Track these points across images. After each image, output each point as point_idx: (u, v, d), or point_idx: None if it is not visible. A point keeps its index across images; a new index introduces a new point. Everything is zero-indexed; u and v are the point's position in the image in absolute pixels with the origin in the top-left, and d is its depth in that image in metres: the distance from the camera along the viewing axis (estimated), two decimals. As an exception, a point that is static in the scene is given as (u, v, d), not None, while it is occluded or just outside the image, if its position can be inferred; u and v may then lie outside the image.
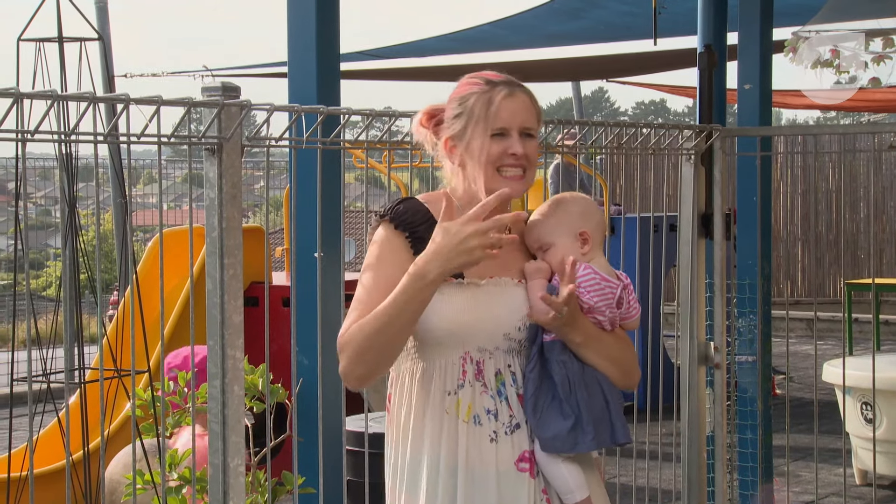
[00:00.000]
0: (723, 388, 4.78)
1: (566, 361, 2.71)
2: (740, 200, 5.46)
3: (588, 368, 2.74)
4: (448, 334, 2.67)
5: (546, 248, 2.81)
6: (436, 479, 2.69)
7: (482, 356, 2.70)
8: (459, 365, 2.70)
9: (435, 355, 2.70)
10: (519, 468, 2.70)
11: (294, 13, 3.88)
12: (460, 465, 2.67)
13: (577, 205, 2.88)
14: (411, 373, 2.73)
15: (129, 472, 3.45)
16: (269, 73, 11.40)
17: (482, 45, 10.51)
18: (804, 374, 10.91)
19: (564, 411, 2.68)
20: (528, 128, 2.73)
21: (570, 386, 2.70)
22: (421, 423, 2.71)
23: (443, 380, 2.69)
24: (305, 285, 3.63)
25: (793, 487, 7.00)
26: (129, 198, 2.98)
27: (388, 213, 2.76)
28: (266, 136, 3.08)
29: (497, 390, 2.70)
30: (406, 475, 2.73)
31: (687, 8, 6.80)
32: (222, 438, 2.86)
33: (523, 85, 2.79)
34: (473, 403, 2.69)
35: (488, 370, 2.70)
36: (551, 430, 2.68)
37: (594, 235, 2.83)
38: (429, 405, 2.70)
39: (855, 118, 26.86)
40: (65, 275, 4.74)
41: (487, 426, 2.68)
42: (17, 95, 2.42)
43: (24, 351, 2.83)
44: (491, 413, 2.69)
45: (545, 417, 2.68)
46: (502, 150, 2.70)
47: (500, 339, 2.71)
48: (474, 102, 2.72)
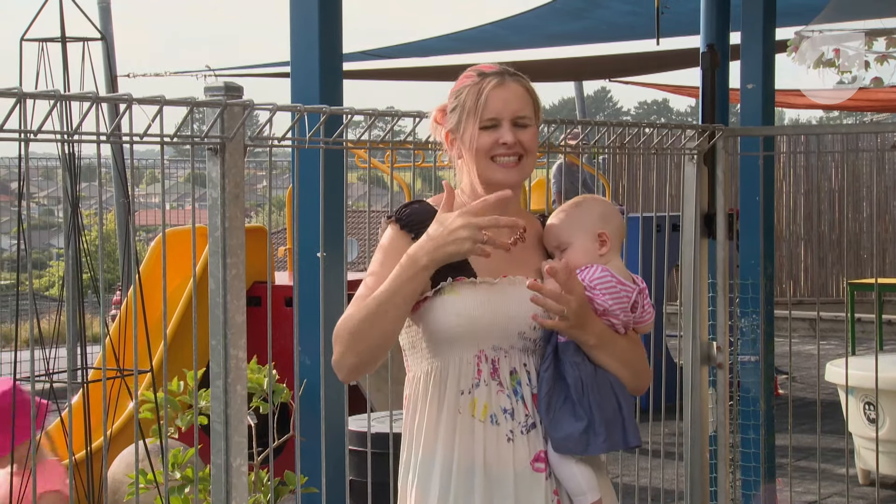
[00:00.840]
0: (725, 388, 4.78)
1: (579, 363, 2.70)
2: (743, 200, 5.46)
3: (601, 371, 2.73)
4: (462, 332, 2.66)
5: (564, 247, 2.81)
6: (448, 479, 2.67)
7: (497, 354, 2.69)
8: (475, 364, 2.69)
9: (450, 354, 2.69)
10: (534, 468, 2.69)
11: (297, 13, 3.88)
12: (477, 465, 2.66)
13: (598, 206, 2.88)
14: (427, 372, 2.73)
15: (132, 471, 3.46)
16: (272, 72, 11.41)
17: (485, 45, 10.52)
18: (807, 374, 10.90)
19: (577, 413, 2.68)
20: (520, 116, 2.73)
21: (583, 388, 2.69)
22: (435, 422, 2.70)
23: (457, 379, 2.69)
24: (308, 285, 3.63)
25: (795, 487, 7.00)
26: (132, 197, 2.99)
27: (395, 214, 2.77)
28: (269, 135, 3.08)
29: (513, 389, 2.70)
30: (417, 474, 2.72)
31: (690, 8, 6.79)
32: (225, 438, 2.86)
33: (518, 74, 2.79)
34: (490, 403, 2.68)
35: (503, 369, 2.70)
36: (564, 430, 2.67)
37: (613, 238, 2.83)
38: (444, 405, 2.69)
39: (858, 118, 26.83)
40: (68, 274, 4.74)
41: (504, 425, 2.68)
42: (20, 95, 2.42)
43: (27, 350, 2.83)
44: (507, 412, 2.68)
45: (558, 418, 2.68)
46: (493, 140, 2.71)
47: (515, 338, 2.70)
48: (466, 95, 2.74)
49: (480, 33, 10.18)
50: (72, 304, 4.82)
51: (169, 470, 3.58)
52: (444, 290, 2.67)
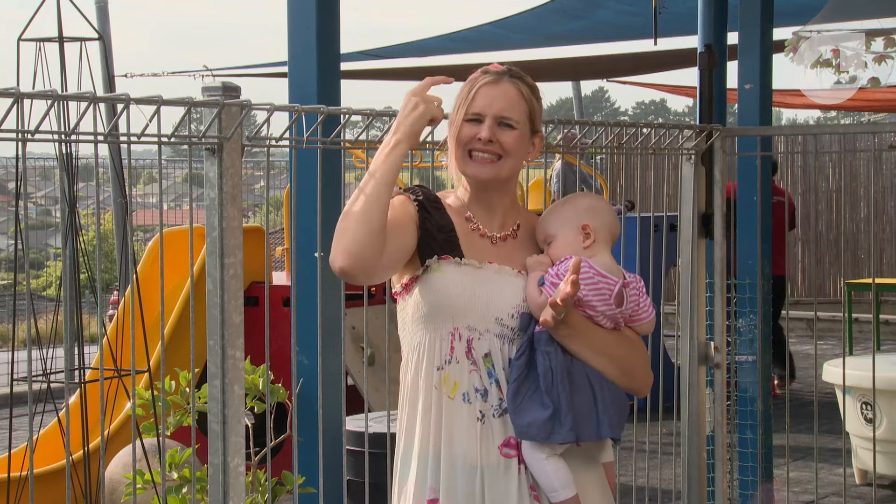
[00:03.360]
0: (723, 388, 4.78)
1: (551, 353, 2.71)
2: (740, 200, 5.46)
3: (577, 362, 2.74)
4: (438, 307, 2.72)
5: (550, 240, 2.82)
6: (426, 459, 2.72)
7: (472, 335, 2.73)
8: (448, 340, 2.73)
9: (428, 330, 2.75)
10: (503, 453, 2.71)
11: (294, 13, 3.88)
12: (450, 442, 2.70)
13: (585, 201, 2.90)
14: (411, 350, 2.78)
15: (129, 471, 3.45)
16: (270, 72, 11.41)
17: (483, 45, 10.52)
18: (804, 374, 10.90)
19: (545, 402, 2.68)
20: (505, 117, 2.76)
21: (552, 377, 2.70)
22: (415, 401, 2.75)
23: (434, 354, 2.74)
24: (305, 285, 3.64)
25: (793, 487, 7.00)
26: (130, 197, 2.98)
27: (401, 189, 2.82)
28: (266, 135, 3.08)
29: (487, 371, 2.73)
30: (400, 457, 2.78)
31: (687, 8, 6.80)
32: (222, 438, 2.86)
33: (520, 77, 2.81)
34: (461, 380, 2.72)
35: (478, 349, 2.73)
36: (528, 417, 2.68)
37: (599, 232, 2.83)
38: (421, 380, 2.75)
39: (855, 118, 26.85)
40: (65, 274, 4.74)
41: (475, 405, 2.71)
42: (18, 95, 2.42)
43: (24, 350, 2.83)
44: (479, 392, 2.72)
45: (524, 405, 2.69)
46: (473, 134, 2.76)
47: (492, 322, 2.74)
48: (461, 89, 2.80)
49: (479, 33, 10.18)
50: (69, 304, 4.82)
51: (166, 470, 3.58)
52: (430, 269, 2.74)
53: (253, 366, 3.67)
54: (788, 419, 5.53)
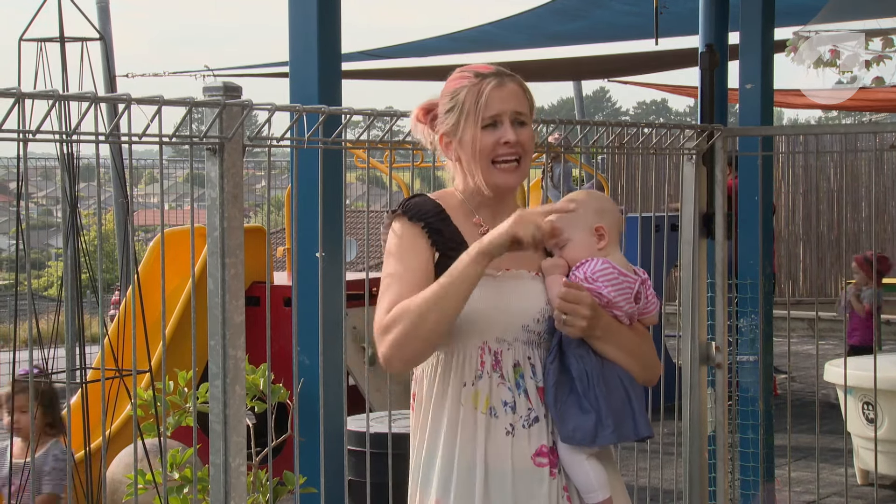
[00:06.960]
0: (724, 388, 4.78)
1: (583, 356, 2.71)
2: (742, 200, 5.46)
3: (608, 363, 2.73)
4: (466, 323, 2.66)
5: (562, 244, 2.81)
6: (449, 476, 2.68)
7: (500, 346, 2.70)
8: (478, 356, 2.69)
9: (454, 346, 2.70)
10: (536, 463, 2.68)
11: (295, 13, 3.88)
12: (478, 459, 2.66)
13: (594, 201, 2.89)
14: (433, 366, 2.73)
15: (131, 471, 3.45)
16: (271, 73, 11.41)
17: (484, 45, 10.52)
18: (805, 374, 10.90)
19: (583, 406, 2.68)
20: (519, 113, 2.74)
21: (588, 380, 2.69)
22: (438, 417, 2.70)
23: (461, 370, 2.69)
24: (307, 285, 3.63)
25: (794, 487, 7.00)
26: (131, 198, 2.98)
27: (400, 207, 2.77)
28: (267, 135, 3.08)
29: (515, 382, 2.69)
30: (421, 473, 2.73)
31: (688, 8, 6.79)
32: (224, 438, 2.85)
33: (513, 74, 2.79)
34: (490, 395, 2.68)
35: (506, 361, 2.70)
36: (572, 422, 2.67)
37: (610, 231, 2.83)
38: (447, 398, 2.70)
39: (856, 118, 26.85)
40: (66, 275, 4.73)
41: (504, 419, 2.67)
42: (19, 95, 2.42)
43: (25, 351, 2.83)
44: (508, 405, 2.68)
45: (565, 410, 2.68)
46: (495, 140, 2.72)
47: (519, 331, 2.71)
48: (465, 96, 2.73)
49: (480, 33, 10.19)
50: (70, 304, 4.82)
51: (167, 470, 3.58)
52: None
53: (254, 366, 3.67)
54: (790, 419, 5.53)
